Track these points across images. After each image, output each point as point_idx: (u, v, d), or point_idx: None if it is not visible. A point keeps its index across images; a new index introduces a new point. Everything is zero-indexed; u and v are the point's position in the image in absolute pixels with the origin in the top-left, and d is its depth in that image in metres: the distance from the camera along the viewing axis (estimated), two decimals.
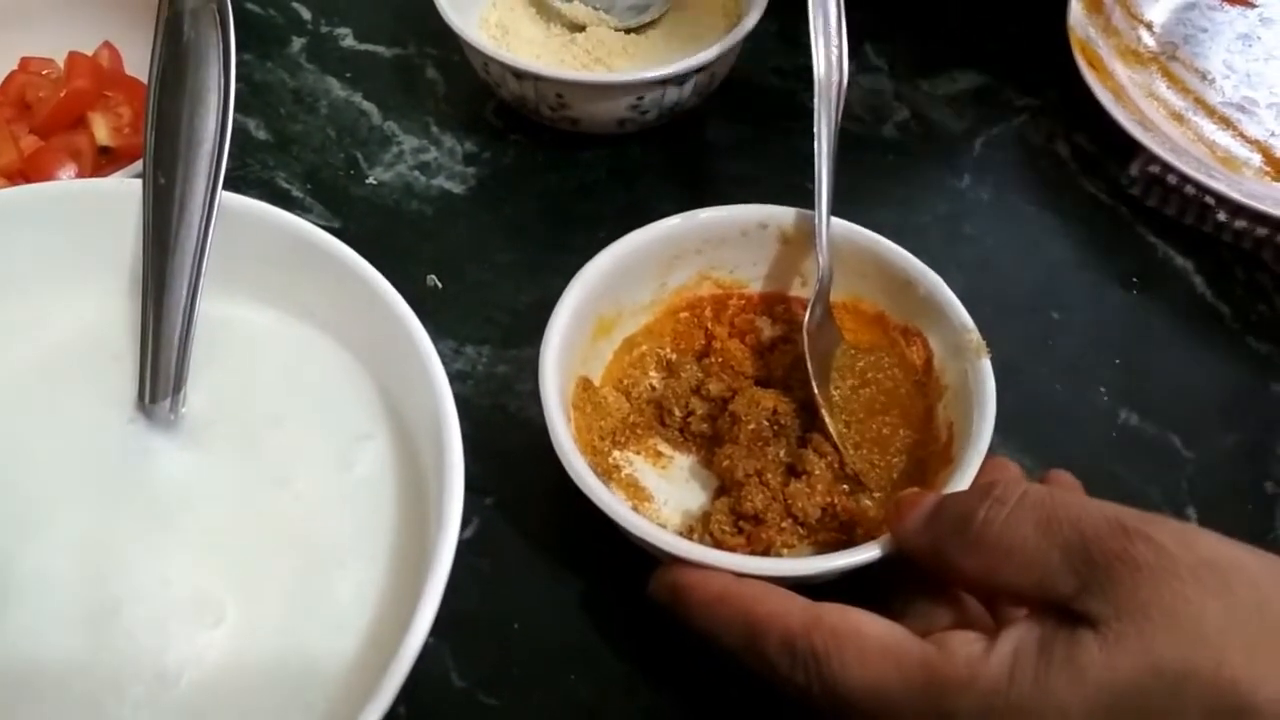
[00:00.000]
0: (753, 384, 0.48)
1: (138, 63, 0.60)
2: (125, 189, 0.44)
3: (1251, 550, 0.33)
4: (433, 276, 0.55)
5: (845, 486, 0.44)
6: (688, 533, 0.45)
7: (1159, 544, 0.32)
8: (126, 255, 0.44)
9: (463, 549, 0.46)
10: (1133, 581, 0.32)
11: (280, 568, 0.39)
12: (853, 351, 0.48)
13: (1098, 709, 0.31)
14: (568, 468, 0.41)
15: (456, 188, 0.60)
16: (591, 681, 0.44)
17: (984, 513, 0.35)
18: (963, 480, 0.40)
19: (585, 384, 0.47)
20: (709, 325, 0.51)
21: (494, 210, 0.59)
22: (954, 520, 0.36)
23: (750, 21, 0.57)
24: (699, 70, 0.56)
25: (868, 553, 0.39)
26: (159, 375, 0.42)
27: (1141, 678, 0.31)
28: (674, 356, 0.50)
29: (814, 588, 0.39)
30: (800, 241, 0.49)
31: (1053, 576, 0.33)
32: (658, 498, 0.46)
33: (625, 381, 0.49)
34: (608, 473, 0.46)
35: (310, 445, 0.42)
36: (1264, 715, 0.30)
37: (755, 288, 0.51)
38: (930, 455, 0.45)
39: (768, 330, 0.51)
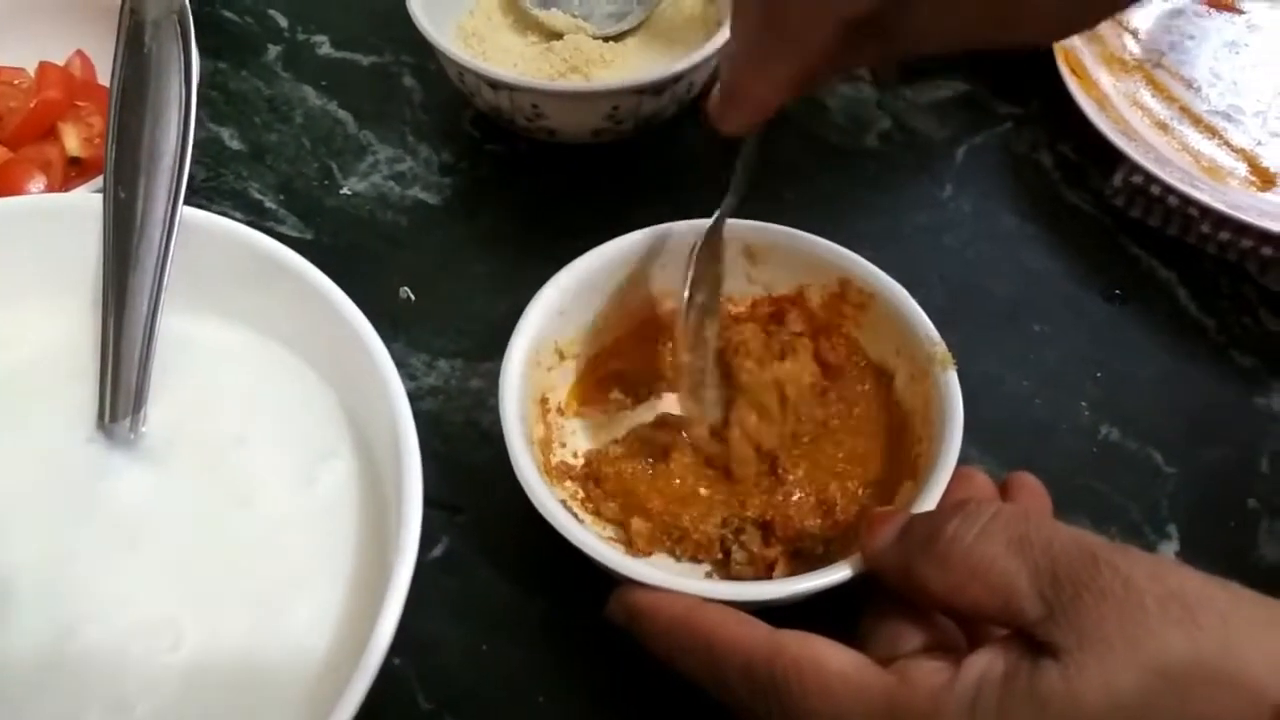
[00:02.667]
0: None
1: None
2: (86, 204, 0.43)
3: (1223, 585, 0.32)
4: (406, 289, 0.55)
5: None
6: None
7: (1126, 575, 0.32)
8: (88, 271, 0.44)
9: (431, 569, 0.46)
10: (1098, 612, 0.31)
11: (241, 589, 0.38)
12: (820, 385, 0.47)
13: None
14: (529, 493, 0.40)
15: (432, 198, 0.59)
16: (559, 703, 0.43)
17: (953, 530, 0.35)
18: (932, 494, 0.40)
19: (546, 403, 0.47)
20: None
21: (469, 221, 0.59)
22: (923, 537, 0.36)
23: (726, 31, 0.57)
24: (675, 80, 0.55)
25: (834, 575, 0.38)
26: (119, 393, 0.41)
27: (1103, 710, 0.30)
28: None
29: (781, 608, 0.38)
30: (763, 253, 0.49)
31: (1019, 600, 0.33)
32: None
33: (591, 401, 0.49)
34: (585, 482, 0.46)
35: (272, 464, 0.41)
36: None
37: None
38: (900, 471, 0.44)
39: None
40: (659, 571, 0.39)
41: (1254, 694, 0.30)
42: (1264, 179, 0.60)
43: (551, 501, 0.40)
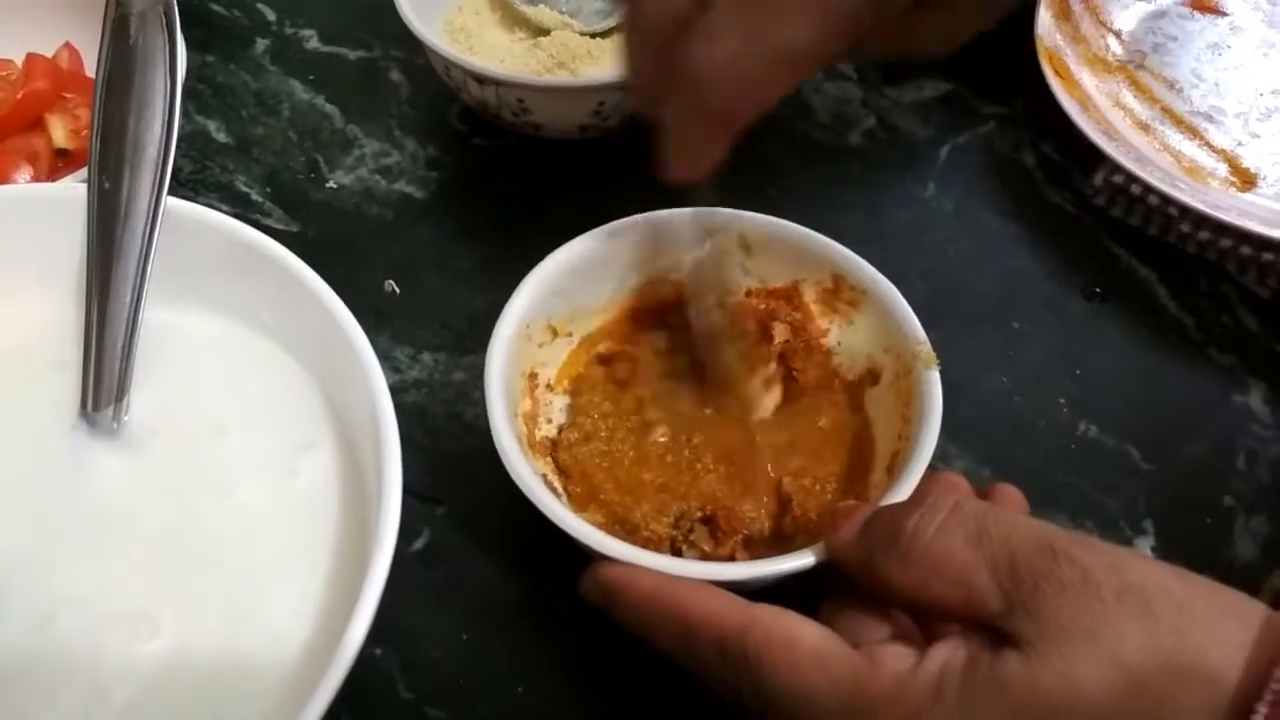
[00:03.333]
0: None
1: None
2: (70, 194, 0.44)
3: (1182, 575, 0.32)
4: (390, 282, 0.55)
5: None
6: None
7: (1085, 566, 0.32)
8: (72, 261, 0.44)
9: (413, 560, 0.46)
10: (1056, 603, 0.32)
11: (220, 578, 0.39)
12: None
13: None
14: (506, 465, 0.41)
15: (418, 192, 0.59)
16: (540, 693, 0.43)
17: (914, 524, 0.35)
18: (903, 489, 0.40)
19: (535, 378, 0.47)
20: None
21: (455, 215, 0.59)
22: (885, 533, 0.36)
23: None
24: None
25: (801, 560, 0.38)
26: (102, 382, 0.42)
27: (1064, 698, 0.31)
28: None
29: (749, 592, 0.38)
30: (760, 245, 0.49)
31: (980, 594, 0.33)
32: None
33: (579, 381, 0.49)
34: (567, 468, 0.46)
35: (254, 454, 0.41)
36: None
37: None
38: (861, 472, 0.45)
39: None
40: (631, 548, 0.39)
41: (1211, 683, 0.30)
42: (1244, 179, 0.61)
43: (526, 471, 0.40)
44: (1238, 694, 0.29)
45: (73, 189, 0.43)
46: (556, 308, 0.48)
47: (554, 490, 0.43)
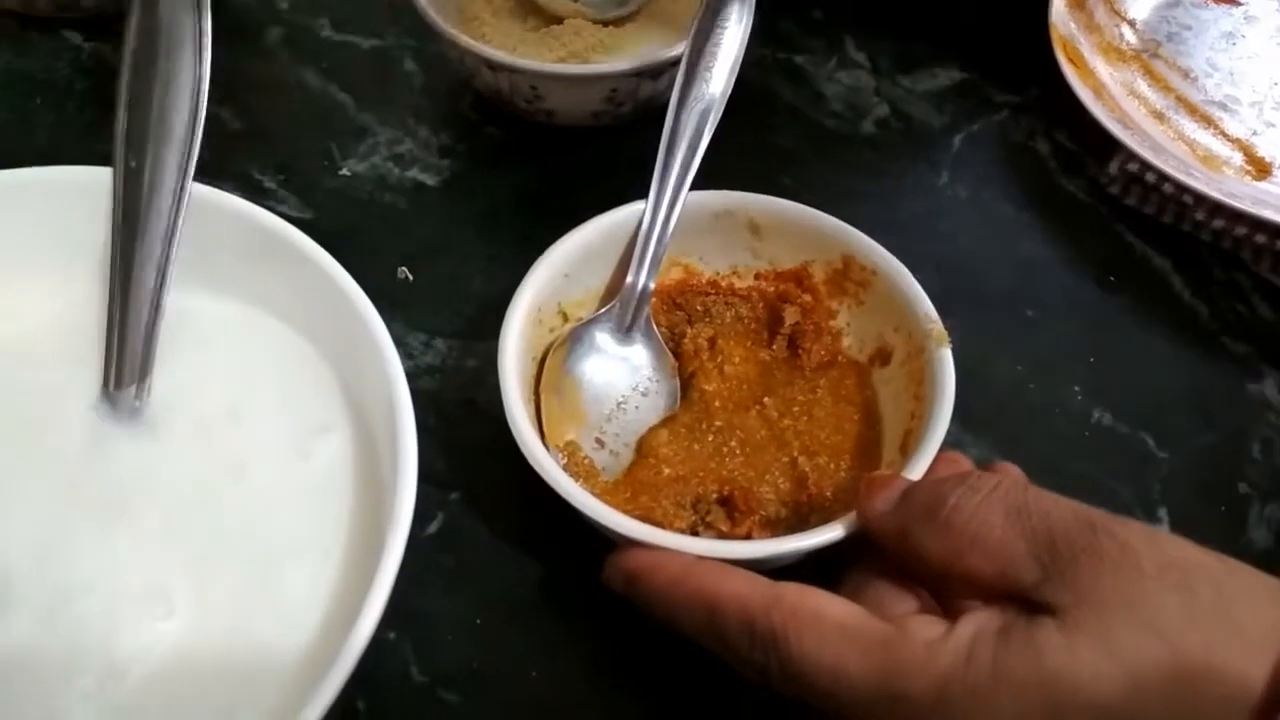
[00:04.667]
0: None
1: None
2: (94, 177, 0.44)
3: (1217, 555, 0.33)
4: (404, 269, 0.55)
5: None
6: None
7: (1124, 540, 0.32)
8: (96, 244, 0.44)
9: (427, 545, 0.46)
10: (1095, 573, 0.32)
11: (234, 559, 0.39)
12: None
13: (1056, 692, 0.31)
14: (523, 448, 0.41)
15: (431, 180, 0.59)
16: (554, 678, 0.43)
17: (956, 499, 0.35)
18: (918, 466, 0.40)
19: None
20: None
21: (468, 202, 0.59)
22: (925, 503, 0.36)
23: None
24: (674, 63, 0.55)
25: (828, 534, 0.39)
26: (124, 362, 0.42)
27: (1100, 665, 0.31)
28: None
29: (772, 572, 0.38)
30: (768, 228, 0.49)
31: (1017, 565, 0.33)
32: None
33: None
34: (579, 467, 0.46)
35: (270, 437, 0.41)
36: (1220, 709, 0.30)
37: (723, 273, 0.51)
38: (884, 446, 0.45)
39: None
40: (653, 529, 0.39)
41: (1245, 662, 0.30)
42: (1259, 168, 0.60)
43: (542, 454, 0.40)
44: (1275, 675, 0.30)
45: (96, 172, 0.43)
46: (567, 292, 0.48)
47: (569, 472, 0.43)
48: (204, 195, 0.43)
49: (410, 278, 0.55)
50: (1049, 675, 0.31)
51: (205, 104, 0.43)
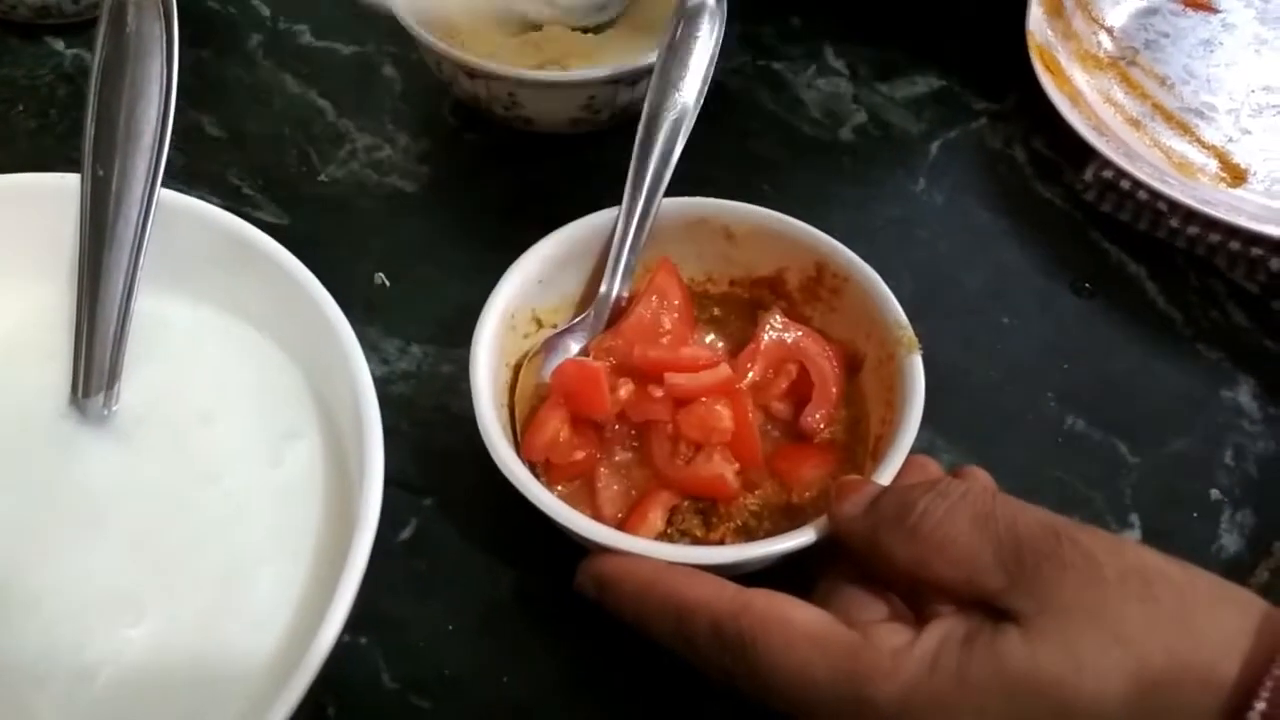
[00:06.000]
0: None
1: None
2: (62, 183, 0.44)
3: (1179, 563, 0.33)
4: (380, 275, 0.55)
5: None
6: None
7: (1087, 548, 0.33)
8: (64, 251, 0.44)
9: (400, 550, 0.47)
10: (1059, 581, 0.32)
11: (204, 565, 0.39)
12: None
13: (1018, 699, 0.31)
14: (493, 455, 0.41)
15: (409, 186, 0.60)
16: (525, 683, 0.43)
17: (924, 505, 0.36)
18: (887, 472, 0.40)
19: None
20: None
21: (446, 209, 0.59)
22: (894, 509, 0.37)
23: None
24: (650, 71, 0.56)
25: (798, 539, 0.39)
26: (93, 369, 0.42)
27: (1063, 672, 0.31)
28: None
29: (745, 577, 0.38)
30: (743, 235, 0.49)
31: (982, 572, 0.34)
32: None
33: None
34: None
35: (240, 443, 0.42)
36: (1183, 716, 0.30)
37: (698, 280, 0.51)
38: (856, 450, 0.45)
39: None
40: (625, 536, 0.39)
41: (1210, 669, 0.30)
42: (1234, 175, 0.61)
43: (513, 461, 0.40)
44: (1238, 683, 0.30)
45: (65, 178, 0.44)
46: (542, 298, 0.48)
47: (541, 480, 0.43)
48: (175, 201, 0.43)
49: (387, 283, 0.55)
50: (1011, 683, 0.31)
51: (174, 113, 0.43)
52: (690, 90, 0.50)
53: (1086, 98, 0.63)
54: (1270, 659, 0.30)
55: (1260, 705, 0.29)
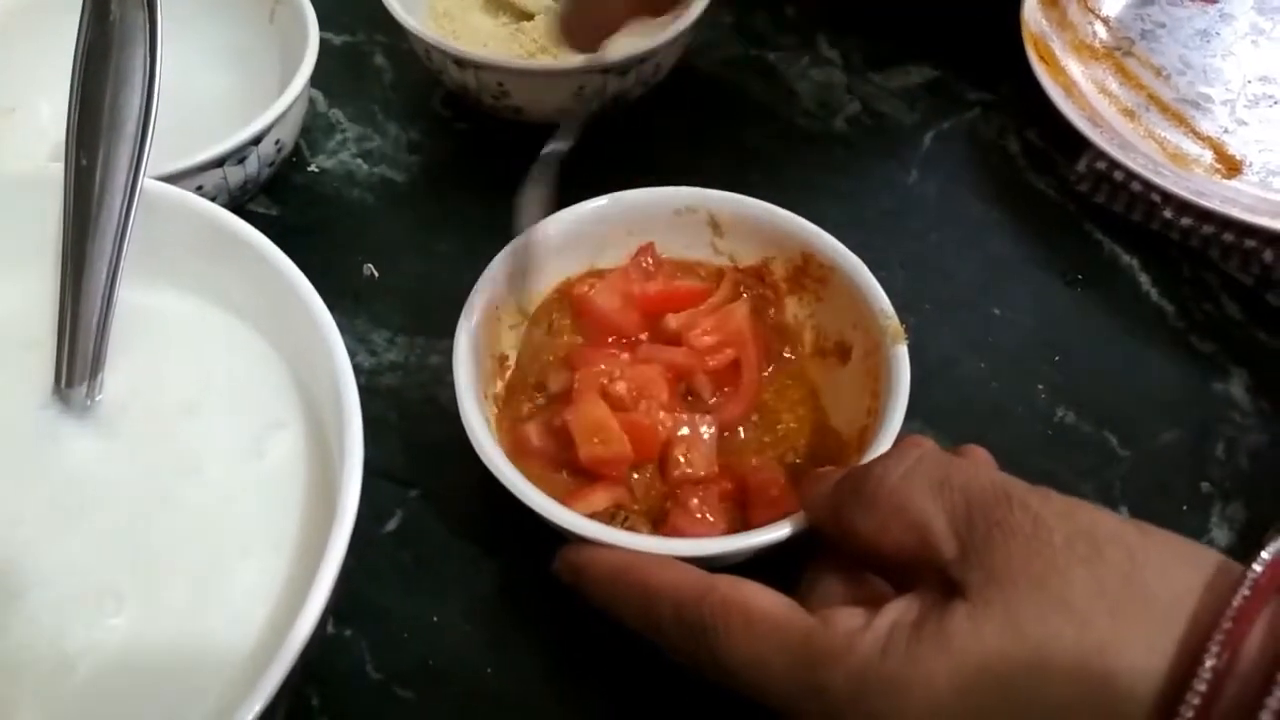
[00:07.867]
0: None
1: None
2: (45, 174, 0.43)
3: (1136, 524, 0.32)
4: (369, 265, 0.55)
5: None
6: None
7: (1036, 513, 0.32)
8: (46, 241, 0.44)
9: (385, 542, 0.46)
10: (1005, 549, 0.32)
11: (185, 556, 0.38)
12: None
13: (963, 676, 0.31)
14: (476, 447, 0.41)
15: (399, 176, 0.59)
16: (509, 674, 0.43)
17: (879, 470, 0.36)
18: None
19: (505, 360, 0.47)
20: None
21: (435, 199, 0.59)
22: (854, 480, 0.37)
23: (694, 12, 0.57)
24: (641, 60, 0.55)
25: (775, 533, 0.39)
26: (76, 359, 0.42)
27: (1005, 645, 0.30)
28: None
29: (724, 570, 0.38)
30: (729, 224, 0.49)
31: (936, 539, 0.33)
32: None
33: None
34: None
35: (223, 433, 0.41)
36: (1126, 680, 0.29)
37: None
38: (843, 441, 0.45)
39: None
40: (603, 526, 0.40)
41: (1159, 623, 0.29)
42: (1230, 166, 0.60)
43: (496, 453, 0.40)
44: (1188, 636, 0.29)
45: (47, 168, 0.43)
46: (527, 289, 0.48)
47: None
48: (159, 191, 0.43)
49: (376, 274, 0.55)
50: (956, 661, 0.31)
51: (158, 101, 0.43)
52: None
53: (1081, 88, 0.62)
54: (1220, 613, 0.29)
55: (1210, 661, 0.28)
